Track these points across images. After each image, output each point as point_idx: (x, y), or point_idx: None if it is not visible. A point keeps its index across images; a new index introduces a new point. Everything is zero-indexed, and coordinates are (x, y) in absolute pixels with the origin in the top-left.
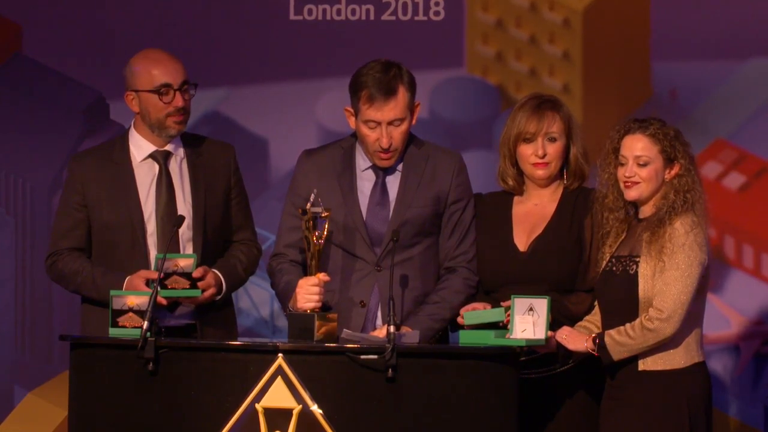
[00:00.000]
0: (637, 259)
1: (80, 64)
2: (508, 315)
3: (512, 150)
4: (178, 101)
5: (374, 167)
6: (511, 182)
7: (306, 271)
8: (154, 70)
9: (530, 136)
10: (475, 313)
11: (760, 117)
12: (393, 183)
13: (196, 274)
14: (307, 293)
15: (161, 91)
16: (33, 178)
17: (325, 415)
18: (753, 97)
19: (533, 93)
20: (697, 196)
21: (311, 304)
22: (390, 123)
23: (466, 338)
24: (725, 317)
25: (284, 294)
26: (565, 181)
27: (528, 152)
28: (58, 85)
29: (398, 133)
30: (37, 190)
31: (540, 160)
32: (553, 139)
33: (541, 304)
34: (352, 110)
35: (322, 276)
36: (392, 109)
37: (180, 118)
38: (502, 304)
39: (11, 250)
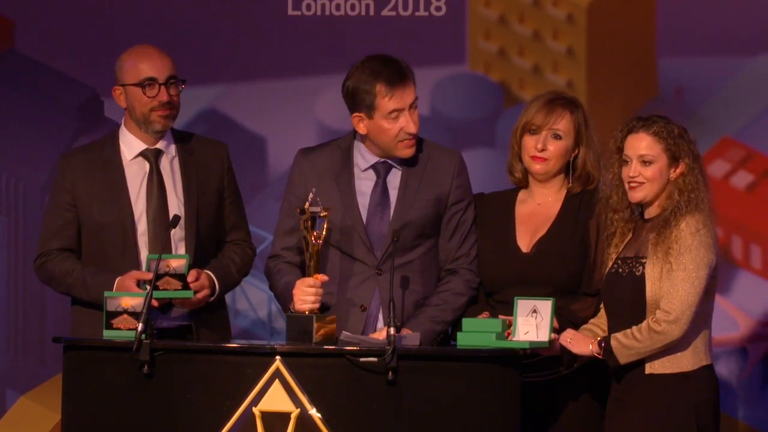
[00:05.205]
0: (644, 261)
1: (74, 60)
2: (509, 333)
3: (519, 141)
4: (163, 95)
5: (375, 167)
6: (518, 175)
7: (305, 272)
8: (140, 64)
9: (535, 128)
10: (474, 320)
11: None
12: (393, 183)
13: (189, 278)
14: (303, 294)
15: (145, 84)
16: (26, 177)
17: (324, 419)
18: (761, 95)
19: (553, 90)
20: (702, 196)
21: (307, 306)
22: (411, 106)
23: (464, 340)
24: (732, 319)
25: (284, 295)
26: (569, 184)
27: (530, 144)
28: (51, 82)
29: (417, 115)
30: (30, 189)
31: (539, 154)
32: (557, 137)
33: (545, 306)
34: (362, 114)
35: (321, 277)
36: (411, 91)
37: (165, 113)
38: (500, 316)
39: (3, 249)
